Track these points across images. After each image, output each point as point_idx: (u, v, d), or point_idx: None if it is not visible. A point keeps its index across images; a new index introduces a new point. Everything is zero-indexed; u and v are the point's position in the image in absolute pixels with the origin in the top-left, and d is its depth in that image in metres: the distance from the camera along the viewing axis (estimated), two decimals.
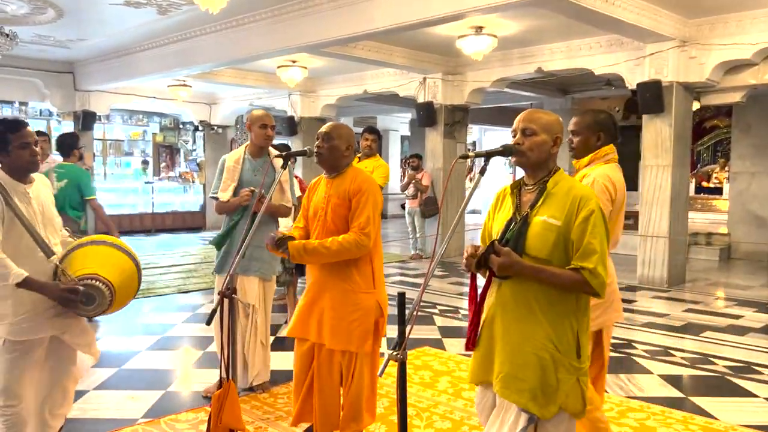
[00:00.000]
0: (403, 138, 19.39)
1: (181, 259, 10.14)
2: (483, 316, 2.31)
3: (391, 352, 2.02)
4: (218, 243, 4.09)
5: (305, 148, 3.07)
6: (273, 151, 4.10)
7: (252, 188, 3.90)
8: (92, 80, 11.91)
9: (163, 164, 15.27)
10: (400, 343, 2.04)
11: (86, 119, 12.51)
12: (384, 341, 3.44)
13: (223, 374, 2.70)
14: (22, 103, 12.86)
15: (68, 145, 5.85)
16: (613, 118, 3.17)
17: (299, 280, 6.06)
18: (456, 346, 5.19)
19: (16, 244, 2.63)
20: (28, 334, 2.70)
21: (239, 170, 4.05)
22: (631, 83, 8.35)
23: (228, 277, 2.69)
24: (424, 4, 6.58)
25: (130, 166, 14.95)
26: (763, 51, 7.28)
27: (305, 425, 3.18)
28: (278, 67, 10.40)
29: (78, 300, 2.61)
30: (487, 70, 9.85)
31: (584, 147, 3.01)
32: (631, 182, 17.35)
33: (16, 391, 2.70)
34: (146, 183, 14.46)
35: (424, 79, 10.41)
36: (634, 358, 5.03)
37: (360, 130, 17.66)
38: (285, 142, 12.46)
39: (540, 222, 2.17)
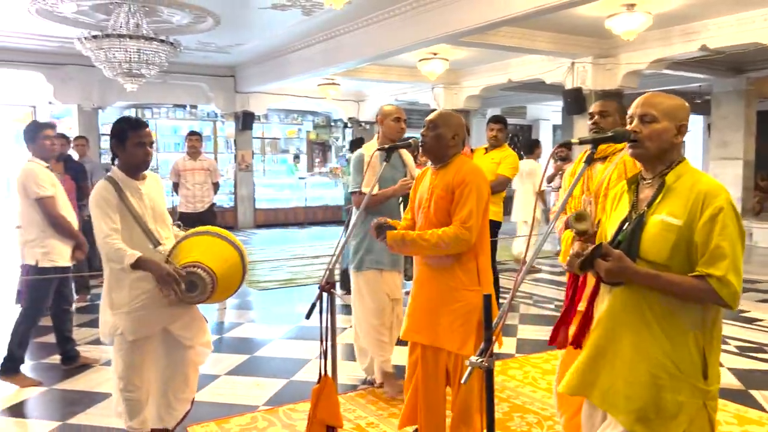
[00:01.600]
0: (555, 127, 18.53)
1: (328, 251, 10.49)
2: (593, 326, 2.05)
3: (476, 358, 1.85)
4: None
5: (410, 140, 2.96)
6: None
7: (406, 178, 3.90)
8: (250, 82, 12.72)
9: (316, 160, 15.95)
10: (486, 350, 1.85)
11: (246, 119, 13.42)
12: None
13: (322, 369, 2.67)
14: (192, 106, 14.07)
15: None
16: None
17: None
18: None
19: (128, 235, 2.81)
20: (142, 331, 2.86)
21: (377, 165, 4.02)
22: None
23: (327, 271, 2.64)
24: None
25: (285, 163, 15.79)
26: None
27: (412, 428, 3.07)
28: (419, 60, 10.36)
29: (174, 283, 2.72)
30: (643, 50, 9.04)
31: None
32: None
33: (133, 379, 2.88)
34: (300, 178, 15.19)
35: (572, 63, 9.80)
36: None
37: (510, 120, 17.15)
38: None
39: (658, 222, 1.87)
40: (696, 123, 16.04)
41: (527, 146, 9.27)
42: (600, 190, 2.71)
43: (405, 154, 4.09)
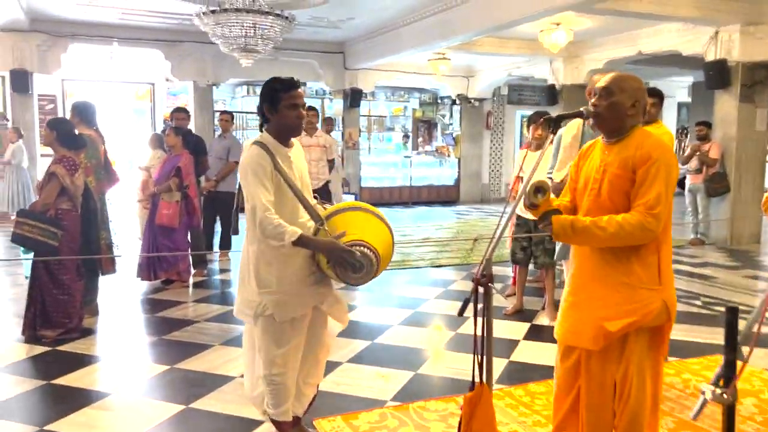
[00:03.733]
0: (680, 105, 17.11)
1: (435, 232, 10.14)
2: None
3: (713, 389, 1.42)
4: None
5: (581, 109, 2.50)
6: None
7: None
8: (359, 59, 12.49)
9: (420, 139, 15.58)
10: (728, 379, 1.42)
11: (354, 96, 13.24)
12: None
13: (477, 376, 2.31)
14: (301, 83, 14.07)
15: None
16: None
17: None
18: (755, 357, 4.16)
19: (280, 208, 2.57)
20: (293, 311, 2.65)
21: (577, 147, 3.62)
22: None
23: (484, 262, 2.27)
24: None
25: (391, 141, 15.54)
26: None
27: None
28: (540, 31, 9.68)
29: (351, 263, 2.49)
30: None
31: None
32: None
33: (282, 362, 2.67)
34: (405, 157, 14.90)
35: (716, 32, 8.78)
36: None
37: None
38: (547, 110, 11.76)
39: None
40: None
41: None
42: None
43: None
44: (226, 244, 7.55)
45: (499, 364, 4.04)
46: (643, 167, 2.31)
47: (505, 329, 4.81)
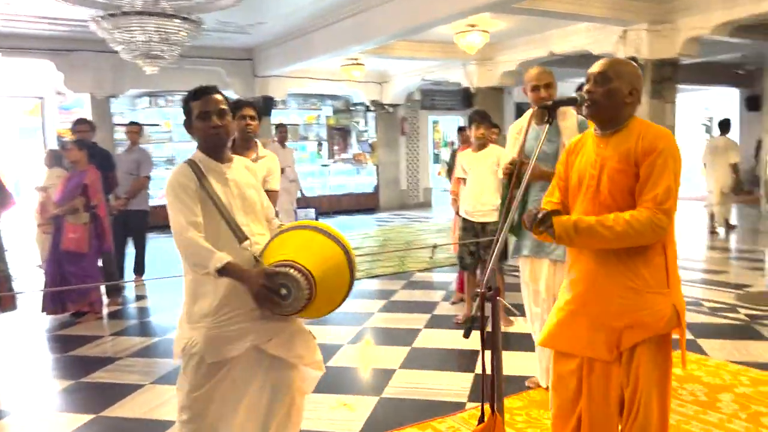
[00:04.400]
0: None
1: (363, 241, 9.83)
2: None
3: None
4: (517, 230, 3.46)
5: (575, 95, 2.26)
6: (565, 110, 3.35)
7: (514, 158, 3.35)
8: (270, 65, 11.99)
9: (335, 147, 15.25)
10: None
11: (265, 105, 12.70)
12: None
13: (490, 404, 2.00)
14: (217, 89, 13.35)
15: None
16: None
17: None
18: (719, 349, 4.14)
19: (212, 230, 2.19)
20: (224, 351, 2.22)
21: (521, 141, 3.49)
22: None
23: (488, 272, 1.97)
24: None
25: (306, 150, 15.10)
26: None
27: None
28: (456, 33, 9.63)
29: (272, 296, 2.10)
30: (705, 14, 8.28)
31: None
32: None
33: (199, 409, 2.24)
34: (322, 166, 14.50)
35: (625, 32, 9.05)
36: None
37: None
38: (457, 117, 11.76)
39: None
40: (732, 96, 15.28)
41: (723, 125, 9.85)
42: None
43: (564, 118, 3.37)
44: (140, 268, 6.88)
45: (465, 380, 3.78)
46: (648, 160, 2.10)
47: (460, 340, 4.56)
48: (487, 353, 1.97)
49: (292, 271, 2.09)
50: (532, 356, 4.11)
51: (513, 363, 3.95)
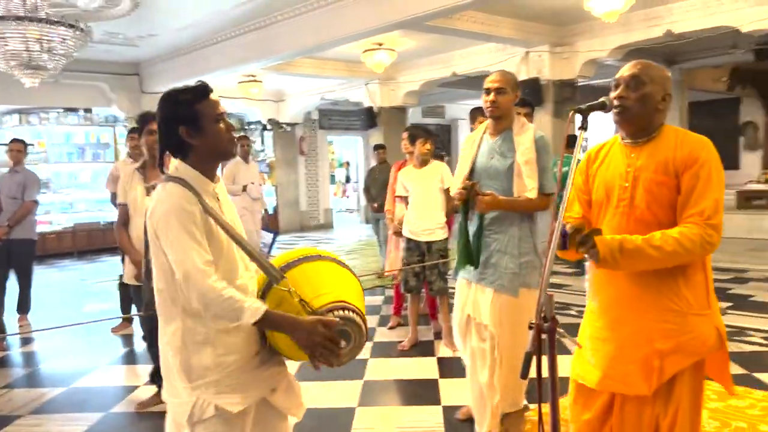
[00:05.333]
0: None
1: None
2: None
3: None
4: (473, 256, 2.96)
5: (603, 99, 2.07)
6: (523, 122, 3.00)
7: (468, 182, 2.90)
8: (159, 81, 11.20)
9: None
10: None
11: None
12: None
13: None
14: (86, 110, 12.27)
15: None
16: None
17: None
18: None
19: (215, 264, 1.75)
20: (244, 399, 1.80)
21: (474, 154, 3.05)
22: None
23: (542, 302, 1.70)
24: None
25: None
26: None
27: None
28: (364, 51, 9.47)
29: (339, 341, 1.73)
30: (602, 37, 8.71)
31: None
32: (732, 160, 16.07)
33: None
34: None
35: (527, 53, 9.33)
36: None
37: (429, 120, 16.61)
38: (353, 137, 11.50)
39: None
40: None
41: None
42: None
43: (521, 132, 2.99)
44: (24, 306, 5.98)
45: (434, 414, 3.49)
46: (690, 171, 1.95)
47: (413, 368, 4.28)
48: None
49: (352, 314, 1.75)
50: None
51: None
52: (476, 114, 5.37)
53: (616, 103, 2.04)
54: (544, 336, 1.69)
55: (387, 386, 4.04)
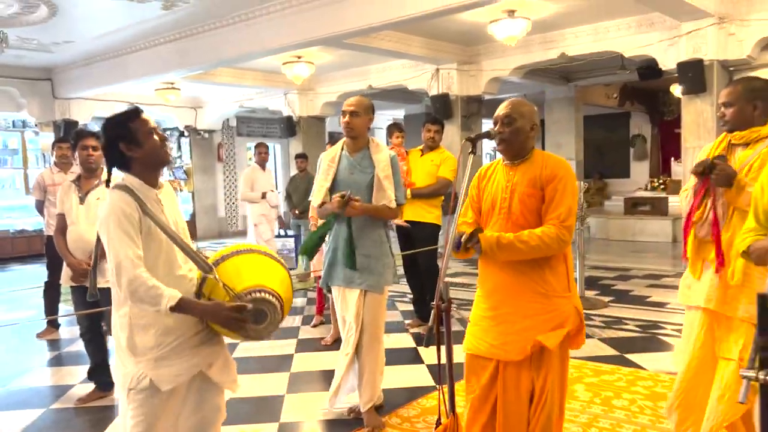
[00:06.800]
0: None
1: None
2: None
3: (753, 372, 1.60)
4: (310, 251, 3.51)
5: (489, 130, 2.62)
6: (377, 143, 3.51)
7: (343, 192, 3.31)
8: (73, 87, 11.09)
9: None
10: (763, 360, 1.61)
11: (67, 129, 11.64)
12: None
13: (446, 407, 2.21)
14: None
15: None
16: None
17: None
18: (648, 361, 4.71)
19: (153, 262, 2.14)
20: (178, 375, 2.18)
21: (334, 169, 3.50)
22: (665, 64, 8.13)
23: (441, 286, 2.20)
24: None
25: None
26: None
27: None
28: (284, 63, 9.83)
29: (247, 319, 2.12)
30: (504, 58, 9.51)
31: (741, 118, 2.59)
32: (623, 169, 17.42)
33: None
34: None
35: (437, 70, 10.00)
36: None
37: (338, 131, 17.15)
38: (271, 144, 11.82)
39: None
40: None
41: None
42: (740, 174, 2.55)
43: (378, 151, 3.46)
44: None
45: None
46: (551, 185, 2.52)
47: (335, 360, 4.69)
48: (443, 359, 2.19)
49: (267, 295, 2.13)
50: (409, 368, 4.43)
51: (393, 377, 4.20)
52: (392, 130, 5.90)
53: (496, 135, 2.59)
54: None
55: (312, 376, 4.45)
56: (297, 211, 7.60)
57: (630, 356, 4.59)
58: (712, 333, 2.61)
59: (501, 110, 2.62)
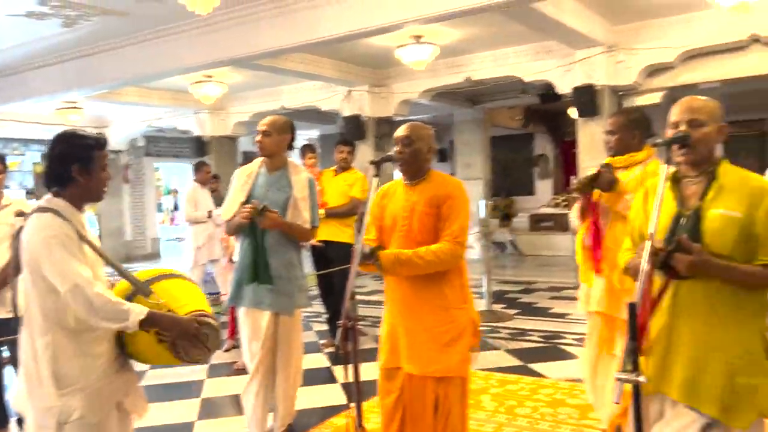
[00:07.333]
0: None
1: None
2: (654, 322, 2.09)
3: (626, 374, 1.78)
4: (252, 276, 3.42)
5: (390, 153, 2.75)
6: (296, 165, 3.60)
7: (255, 203, 3.30)
8: None
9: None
10: (635, 363, 1.80)
11: None
12: None
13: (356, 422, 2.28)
14: None
15: None
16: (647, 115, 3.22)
17: None
18: (552, 369, 4.86)
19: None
20: (105, 408, 2.14)
21: (250, 185, 3.49)
22: (561, 89, 8.65)
23: (347, 304, 2.28)
24: (369, 13, 6.40)
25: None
26: (682, 54, 7.81)
27: None
28: (192, 83, 9.68)
29: (207, 336, 2.15)
30: (414, 81, 9.80)
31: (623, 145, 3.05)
32: (528, 187, 18.22)
33: None
34: None
35: (349, 91, 10.16)
36: None
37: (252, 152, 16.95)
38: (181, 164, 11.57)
39: (717, 215, 2.00)
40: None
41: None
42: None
43: (297, 173, 3.53)
44: None
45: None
46: (446, 204, 2.68)
47: None
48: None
49: (209, 319, 2.15)
50: (323, 388, 4.47)
51: (310, 397, 4.22)
52: (305, 151, 5.97)
53: (396, 156, 2.72)
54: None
55: (224, 401, 4.40)
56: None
57: (533, 366, 4.83)
58: (605, 333, 3.00)
59: (400, 132, 2.77)
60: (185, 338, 2.11)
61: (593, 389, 3.18)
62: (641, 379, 1.77)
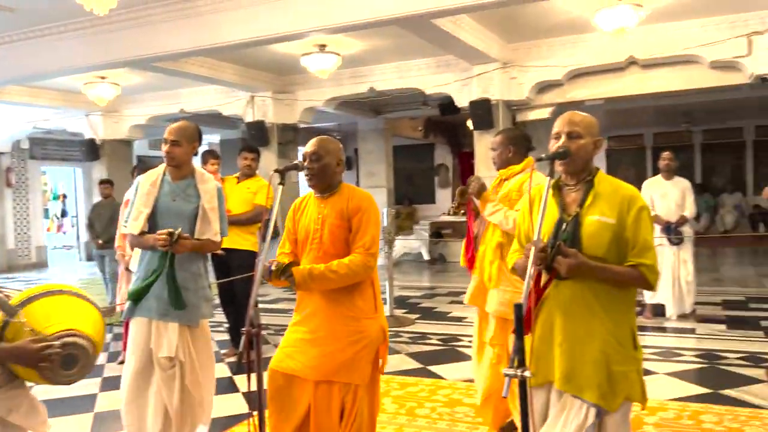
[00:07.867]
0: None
1: None
2: (538, 317, 2.28)
3: (513, 370, 1.92)
4: (139, 294, 3.25)
5: (296, 162, 2.79)
6: (202, 173, 3.41)
7: (170, 230, 3.13)
8: None
9: None
10: (521, 360, 1.95)
11: None
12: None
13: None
14: None
15: None
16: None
17: None
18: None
19: None
20: None
21: (155, 195, 3.32)
22: (460, 102, 9.01)
23: (252, 312, 2.29)
24: (273, 21, 6.43)
25: None
26: (569, 73, 8.38)
27: None
28: (85, 84, 9.23)
29: (55, 361, 2.03)
30: (318, 89, 9.87)
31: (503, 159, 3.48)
32: (429, 196, 18.69)
33: None
34: None
35: (252, 97, 10.06)
36: None
37: (156, 152, 16.40)
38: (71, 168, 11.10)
39: (594, 221, 2.21)
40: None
41: None
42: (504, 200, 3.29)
43: (204, 181, 3.37)
44: None
45: None
46: (356, 216, 2.75)
47: None
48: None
49: (80, 340, 2.06)
50: (224, 398, 4.42)
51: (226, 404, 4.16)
52: (207, 157, 5.86)
53: (306, 172, 2.77)
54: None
55: (118, 415, 4.23)
56: (101, 241, 7.16)
57: (432, 368, 5.01)
58: (482, 323, 3.58)
59: (309, 148, 2.80)
60: (31, 364, 2.02)
61: (475, 369, 3.63)
62: (527, 374, 1.92)
